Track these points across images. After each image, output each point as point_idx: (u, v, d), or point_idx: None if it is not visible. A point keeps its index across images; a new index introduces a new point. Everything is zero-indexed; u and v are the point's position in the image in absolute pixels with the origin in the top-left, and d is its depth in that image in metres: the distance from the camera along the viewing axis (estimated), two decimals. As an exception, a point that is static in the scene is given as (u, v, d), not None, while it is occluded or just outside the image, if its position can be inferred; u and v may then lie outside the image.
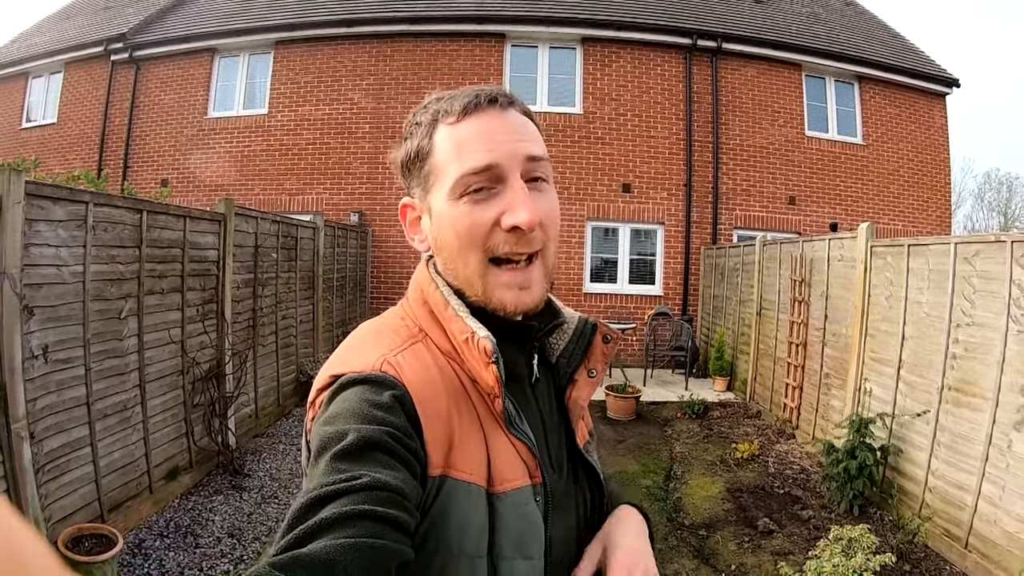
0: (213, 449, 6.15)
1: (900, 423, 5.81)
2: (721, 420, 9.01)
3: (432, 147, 1.02)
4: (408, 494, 0.81)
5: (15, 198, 3.74)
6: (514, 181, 0.98)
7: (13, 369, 3.80)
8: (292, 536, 0.72)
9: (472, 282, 1.02)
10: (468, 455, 0.93)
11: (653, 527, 1.21)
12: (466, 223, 0.98)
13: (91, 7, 18.33)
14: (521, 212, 0.96)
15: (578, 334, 1.17)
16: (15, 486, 3.87)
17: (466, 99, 1.01)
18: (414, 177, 1.06)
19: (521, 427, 1.00)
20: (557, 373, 1.17)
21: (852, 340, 6.77)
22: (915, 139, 14.50)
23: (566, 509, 1.08)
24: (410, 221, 1.11)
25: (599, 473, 1.19)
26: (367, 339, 1.04)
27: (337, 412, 0.87)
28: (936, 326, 5.43)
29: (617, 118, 13.27)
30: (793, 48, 13.67)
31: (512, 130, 1.01)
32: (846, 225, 13.38)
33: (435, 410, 0.92)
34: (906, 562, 4.90)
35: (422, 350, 1.00)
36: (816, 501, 6.13)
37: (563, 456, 1.12)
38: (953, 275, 5.22)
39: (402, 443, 0.85)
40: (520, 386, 1.07)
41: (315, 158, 13.60)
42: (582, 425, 1.18)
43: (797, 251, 8.33)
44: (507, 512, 0.94)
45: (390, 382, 0.91)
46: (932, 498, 5.30)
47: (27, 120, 15.93)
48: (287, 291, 8.22)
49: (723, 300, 11.67)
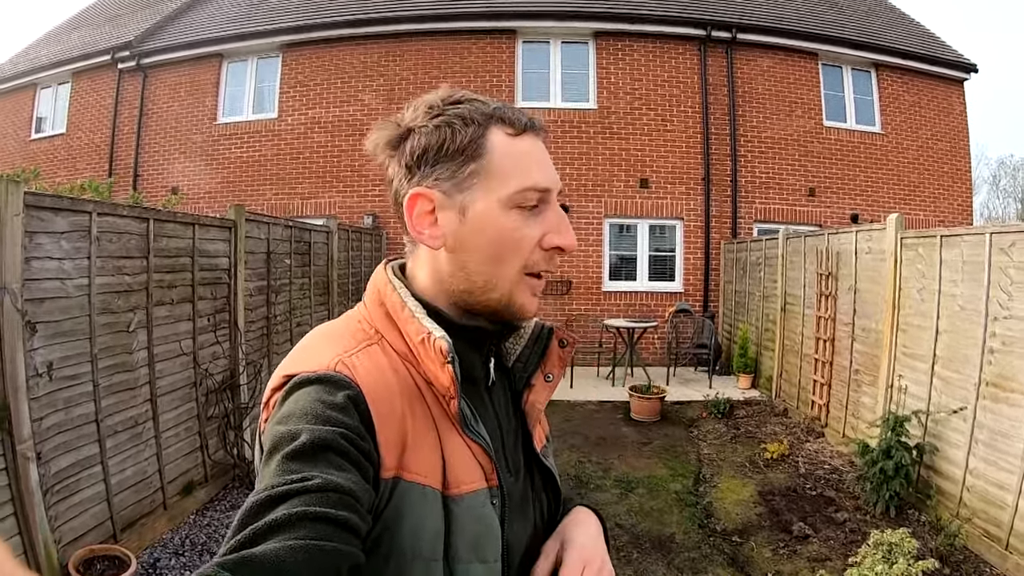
0: (229, 462, 6.02)
1: (935, 420, 5.64)
2: (747, 419, 8.83)
3: (487, 148, 1.00)
4: (360, 496, 0.81)
5: (14, 210, 3.61)
6: (556, 207, 1.05)
7: (17, 388, 3.69)
8: (242, 536, 0.72)
9: (498, 287, 1.02)
10: (422, 457, 0.94)
11: (608, 532, 1.22)
12: (517, 235, 1.00)
13: (98, 17, 18.44)
14: (567, 236, 1.04)
15: (534, 339, 1.18)
16: (22, 509, 3.78)
17: (524, 117, 1.04)
18: (443, 169, 1.01)
19: (476, 428, 1.00)
20: (513, 377, 1.18)
21: (883, 335, 6.59)
22: (934, 126, 14.27)
23: (524, 513, 1.09)
24: (419, 213, 1.03)
25: (556, 478, 1.19)
26: (322, 341, 1.03)
27: (290, 412, 0.87)
28: (972, 319, 5.26)
29: (632, 112, 13.10)
30: (808, 36, 13.47)
31: (551, 161, 1.07)
32: (867, 216, 13.15)
33: (389, 411, 0.92)
34: (946, 565, 4.73)
35: (377, 352, 0.99)
36: (850, 503, 5.96)
37: (520, 460, 1.13)
38: (989, 266, 5.05)
39: (355, 444, 0.85)
40: (476, 389, 1.08)
41: (327, 161, 13.53)
42: (539, 429, 1.18)
43: (823, 244, 8.14)
44: (463, 515, 0.95)
45: (344, 382, 0.90)
46: (971, 497, 5.15)
47: (36, 131, 16.00)
48: (301, 297, 8.08)
49: (745, 295, 11.49)
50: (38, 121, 16.04)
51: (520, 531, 1.06)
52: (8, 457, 3.70)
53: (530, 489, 1.13)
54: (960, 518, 5.11)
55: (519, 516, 1.06)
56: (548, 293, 12.47)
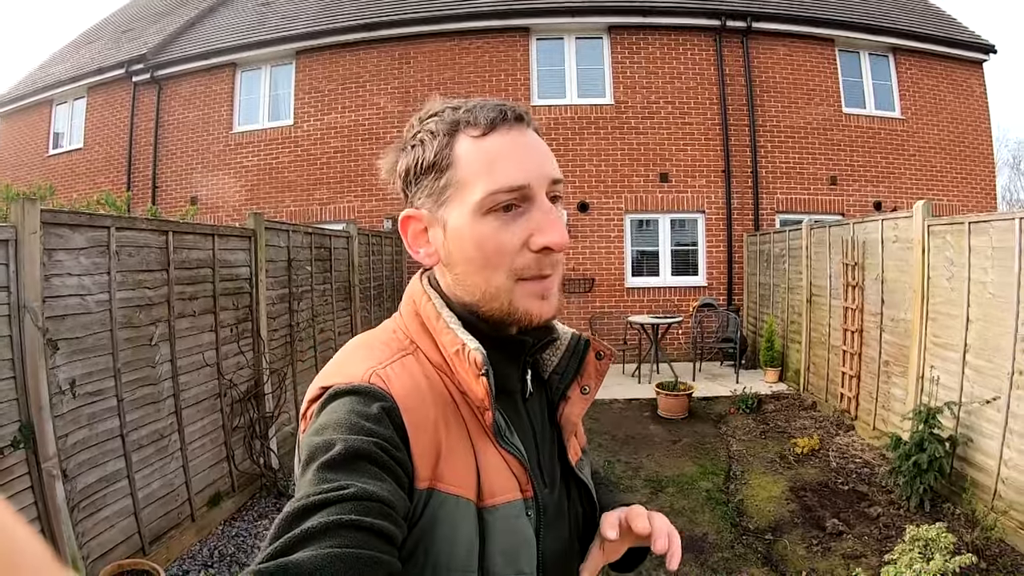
0: (255, 472, 6.01)
1: (968, 411, 5.56)
2: (776, 414, 8.73)
3: (453, 159, 0.99)
4: (395, 505, 0.81)
5: (31, 228, 3.61)
6: (543, 203, 0.99)
7: (40, 406, 3.70)
8: (279, 544, 0.73)
9: (495, 296, 1.00)
10: (456, 468, 0.94)
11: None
12: (494, 242, 0.97)
13: (111, 32, 18.64)
14: (553, 233, 0.97)
15: (571, 351, 1.17)
16: (48, 526, 3.79)
17: (492, 112, 0.99)
18: (423, 188, 1.02)
19: (511, 440, 1.00)
20: (550, 389, 1.17)
21: (912, 325, 6.50)
22: (954, 110, 14.08)
23: (559, 525, 1.08)
24: (414, 233, 1.07)
25: (591, 490, 1.19)
26: (358, 352, 1.04)
27: (326, 423, 0.88)
28: (1003, 307, 5.15)
29: (649, 106, 13.01)
30: (824, 23, 13.31)
31: (538, 150, 1.02)
32: (890, 203, 13.02)
33: (423, 422, 0.92)
34: (982, 559, 4.63)
35: (412, 362, 1.00)
36: (883, 497, 5.87)
37: (556, 472, 1.12)
38: (1020, 252, 4.94)
39: (390, 454, 0.85)
40: (512, 400, 1.08)
41: (344, 166, 13.56)
42: (574, 442, 1.19)
43: (848, 234, 8.04)
44: (497, 526, 0.94)
45: (379, 394, 0.91)
46: (1006, 489, 5.05)
47: (54, 147, 16.19)
48: (323, 303, 8.08)
49: (770, 288, 11.37)
50: (55, 137, 16.22)
51: (555, 543, 1.04)
52: (34, 475, 3.71)
53: (566, 501, 1.12)
54: (996, 511, 5.03)
55: (554, 528, 1.05)
56: (571, 292, 12.50)
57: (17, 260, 3.58)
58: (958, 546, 4.42)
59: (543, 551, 0.99)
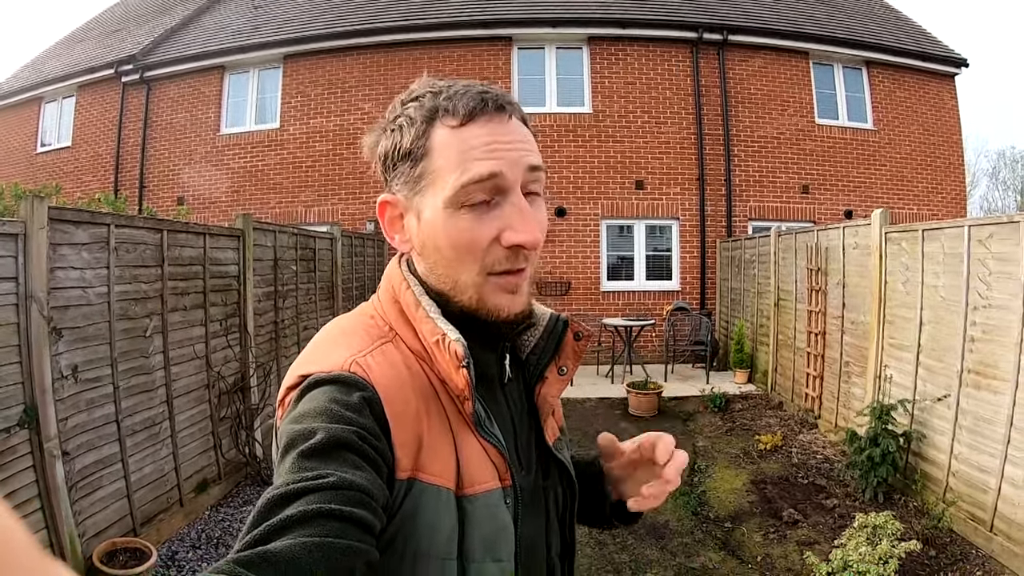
0: (241, 461, 6.23)
1: (921, 408, 5.81)
2: (743, 412, 9.00)
3: (429, 149, 0.97)
4: (375, 495, 0.80)
5: (39, 223, 3.83)
6: (515, 196, 0.96)
7: (44, 389, 3.91)
8: (257, 532, 0.72)
9: (464, 290, 0.99)
10: (437, 457, 0.93)
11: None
12: (466, 237, 0.95)
13: (101, 31, 18.59)
14: (524, 232, 0.94)
15: (549, 331, 1.14)
16: (48, 504, 3.98)
17: (472, 101, 0.96)
18: (400, 174, 1.00)
19: (491, 429, 0.99)
20: (528, 370, 1.15)
21: (870, 327, 6.77)
22: (926, 121, 14.39)
23: (536, 507, 1.07)
24: (389, 219, 1.06)
25: (570, 470, 1.17)
26: (337, 338, 1.02)
27: (305, 411, 0.86)
28: (953, 310, 5.42)
29: (627, 115, 13.26)
30: (799, 36, 13.62)
31: (516, 139, 0.98)
32: (861, 212, 13.24)
33: (404, 412, 0.91)
34: (932, 547, 4.90)
35: (391, 350, 0.98)
36: (840, 490, 6.14)
37: (532, 454, 1.11)
38: (968, 258, 5.21)
39: (370, 444, 0.84)
40: (491, 386, 1.06)
41: (328, 169, 13.70)
42: (551, 421, 1.16)
43: (812, 240, 8.32)
44: (477, 514, 0.94)
45: (359, 383, 0.90)
46: (956, 482, 5.30)
47: (42, 145, 16.17)
48: (307, 302, 8.27)
49: (741, 292, 11.63)
50: (43, 134, 16.21)
51: (533, 527, 1.06)
52: (36, 455, 3.92)
53: (543, 482, 1.11)
54: (946, 502, 5.25)
55: (531, 511, 1.05)
56: (547, 295, 12.61)
57: (26, 253, 3.80)
58: (907, 534, 4.65)
59: (520, 537, 1.00)
